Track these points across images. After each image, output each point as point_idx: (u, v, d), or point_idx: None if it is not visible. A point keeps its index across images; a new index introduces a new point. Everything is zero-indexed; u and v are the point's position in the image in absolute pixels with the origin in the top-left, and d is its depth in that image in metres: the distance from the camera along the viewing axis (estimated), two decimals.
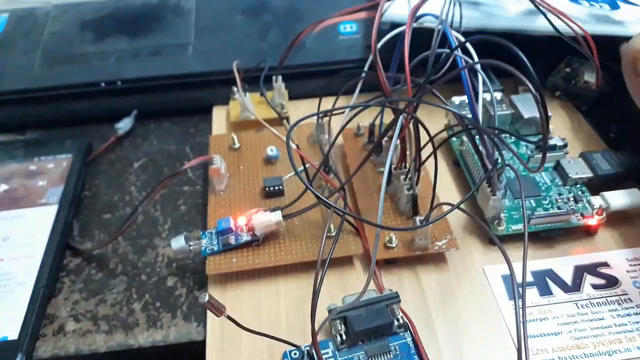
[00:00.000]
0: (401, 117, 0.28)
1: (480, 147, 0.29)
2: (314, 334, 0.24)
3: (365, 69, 0.34)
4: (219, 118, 0.43)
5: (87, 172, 0.39)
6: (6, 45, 0.45)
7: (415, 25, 0.29)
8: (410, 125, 0.28)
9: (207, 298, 0.22)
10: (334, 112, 0.32)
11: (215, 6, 0.47)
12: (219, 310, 0.23)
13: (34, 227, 0.34)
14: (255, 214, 0.31)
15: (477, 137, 0.29)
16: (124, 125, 0.42)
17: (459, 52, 0.27)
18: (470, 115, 0.29)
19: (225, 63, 0.42)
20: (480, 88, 0.29)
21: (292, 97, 0.42)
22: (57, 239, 0.33)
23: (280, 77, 0.40)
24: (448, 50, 0.27)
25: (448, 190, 0.35)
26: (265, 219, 0.31)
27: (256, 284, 0.31)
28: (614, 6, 0.39)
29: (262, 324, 0.29)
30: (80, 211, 0.37)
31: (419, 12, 0.28)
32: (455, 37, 0.27)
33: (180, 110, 0.44)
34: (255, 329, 0.26)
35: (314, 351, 0.25)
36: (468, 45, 0.29)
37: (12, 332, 0.29)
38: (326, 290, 0.30)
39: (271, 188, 0.34)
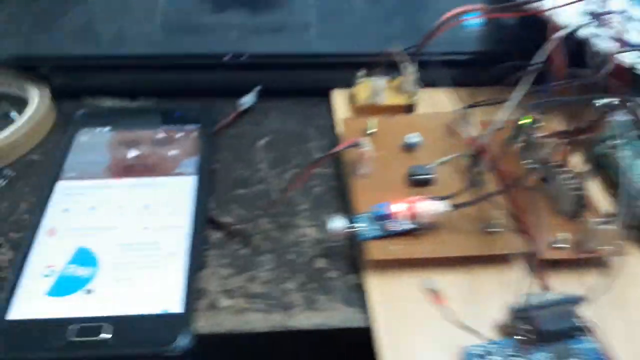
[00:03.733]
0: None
1: None
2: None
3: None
4: (341, 101, 0.42)
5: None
6: (123, 9, 0.44)
7: None
8: None
9: (435, 285, 0.21)
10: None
11: None
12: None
13: (173, 196, 0.33)
14: (420, 201, 0.30)
15: None
16: (248, 100, 0.41)
17: None
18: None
19: (349, 45, 0.42)
20: None
21: None
22: (200, 210, 0.33)
23: (414, 64, 0.40)
24: None
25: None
26: (432, 207, 0.30)
27: (414, 274, 0.30)
28: None
29: (428, 316, 0.28)
30: (213, 185, 0.36)
31: None
32: None
33: (299, 91, 0.43)
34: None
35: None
36: None
37: (172, 305, 0.28)
38: (486, 288, 0.30)
39: (418, 176, 0.33)
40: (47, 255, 0.30)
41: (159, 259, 0.30)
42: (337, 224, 0.30)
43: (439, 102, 0.41)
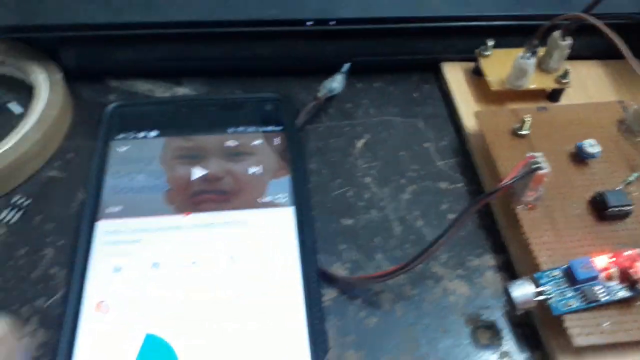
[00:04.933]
0: None
1: None
2: None
3: None
4: (456, 81, 0.31)
5: None
6: None
7: None
8: None
9: None
10: None
11: None
12: None
13: (268, 243, 0.23)
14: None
15: None
16: (337, 84, 0.30)
17: None
18: None
19: (465, 6, 0.31)
20: None
21: None
22: (309, 262, 0.23)
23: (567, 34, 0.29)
24: None
25: None
26: None
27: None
28: None
29: None
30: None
31: None
32: None
33: (394, 66, 0.32)
34: None
35: None
36: None
37: None
38: None
39: (617, 208, 0.23)
40: (100, 347, 0.20)
41: (272, 349, 0.20)
42: (524, 291, 0.21)
43: (588, 81, 0.31)
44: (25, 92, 0.30)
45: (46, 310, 0.23)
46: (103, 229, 0.23)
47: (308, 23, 0.29)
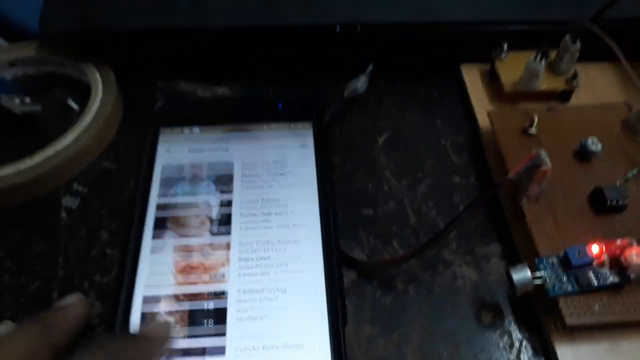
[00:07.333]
0: None
1: None
2: None
3: None
4: (473, 82, 0.34)
5: None
6: None
7: None
8: None
9: None
10: None
11: None
12: None
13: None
14: (631, 249, 0.23)
15: None
16: (361, 84, 0.33)
17: None
18: None
19: (483, 12, 0.33)
20: None
21: None
22: (331, 244, 0.26)
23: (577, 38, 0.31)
24: None
25: None
26: None
27: (613, 339, 0.24)
28: None
29: None
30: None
31: None
32: None
33: (415, 68, 0.35)
34: None
35: None
36: None
37: None
38: None
39: (613, 203, 0.26)
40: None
41: (291, 316, 0.24)
42: (523, 274, 0.23)
43: (598, 83, 0.33)
44: (81, 90, 0.33)
45: (103, 285, 0.26)
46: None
47: (337, 28, 0.32)
